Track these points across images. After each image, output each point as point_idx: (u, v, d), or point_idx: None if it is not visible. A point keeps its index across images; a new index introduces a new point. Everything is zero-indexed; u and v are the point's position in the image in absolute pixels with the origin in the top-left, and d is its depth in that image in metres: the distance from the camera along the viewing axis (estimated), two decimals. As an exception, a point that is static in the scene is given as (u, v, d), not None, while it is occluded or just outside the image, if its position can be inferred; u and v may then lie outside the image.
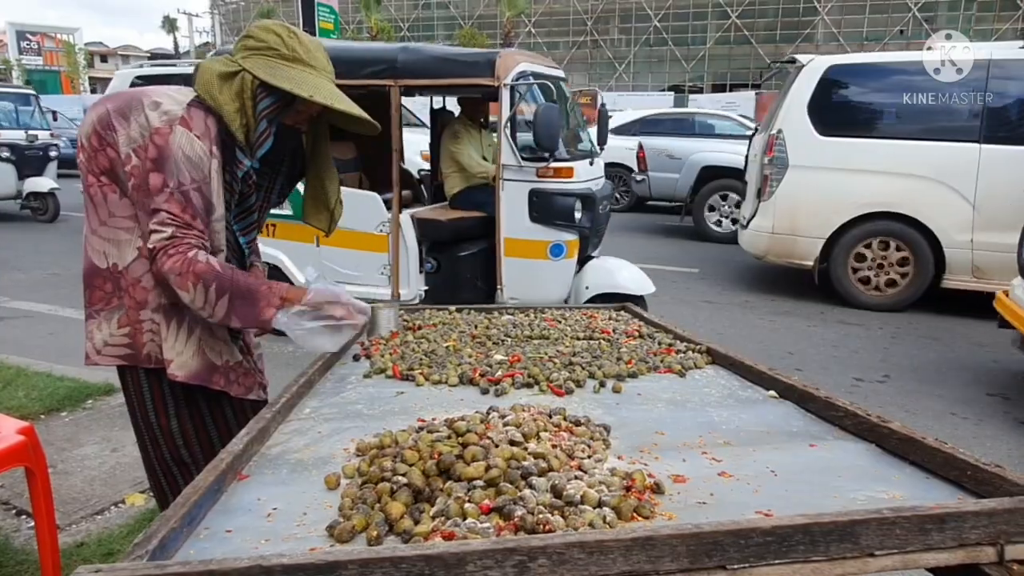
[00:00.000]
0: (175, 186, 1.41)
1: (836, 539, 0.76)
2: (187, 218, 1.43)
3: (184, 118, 1.44)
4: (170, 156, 1.41)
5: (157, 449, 1.58)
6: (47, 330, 4.99)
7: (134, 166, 1.42)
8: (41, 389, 3.65)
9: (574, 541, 0.71)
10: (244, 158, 1.56)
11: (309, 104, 1.56)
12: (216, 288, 1.42)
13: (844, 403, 1.23)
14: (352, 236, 4.35)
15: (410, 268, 4.32)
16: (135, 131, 1.43)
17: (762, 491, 0.96)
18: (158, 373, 1.53)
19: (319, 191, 1.82)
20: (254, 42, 1.53)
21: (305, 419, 1.28)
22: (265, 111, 1.53)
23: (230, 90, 1.49)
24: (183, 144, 1.42)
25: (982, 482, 0.92)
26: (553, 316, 2.13)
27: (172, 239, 1.40)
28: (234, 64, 1.51)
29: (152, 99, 1.46)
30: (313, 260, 4.35)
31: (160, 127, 1.42)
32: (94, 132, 1.46)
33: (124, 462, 2.93)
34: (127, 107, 1.45)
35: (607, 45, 34.10)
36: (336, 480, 0.99)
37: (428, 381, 1.50)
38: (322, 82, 1.54)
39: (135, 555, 0.72)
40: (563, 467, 1.00)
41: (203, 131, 1.46)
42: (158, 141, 1.41)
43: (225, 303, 1.44)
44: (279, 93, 1.52)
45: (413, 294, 4.35)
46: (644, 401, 1.39)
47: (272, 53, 1.52)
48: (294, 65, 1.53)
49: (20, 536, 2.43)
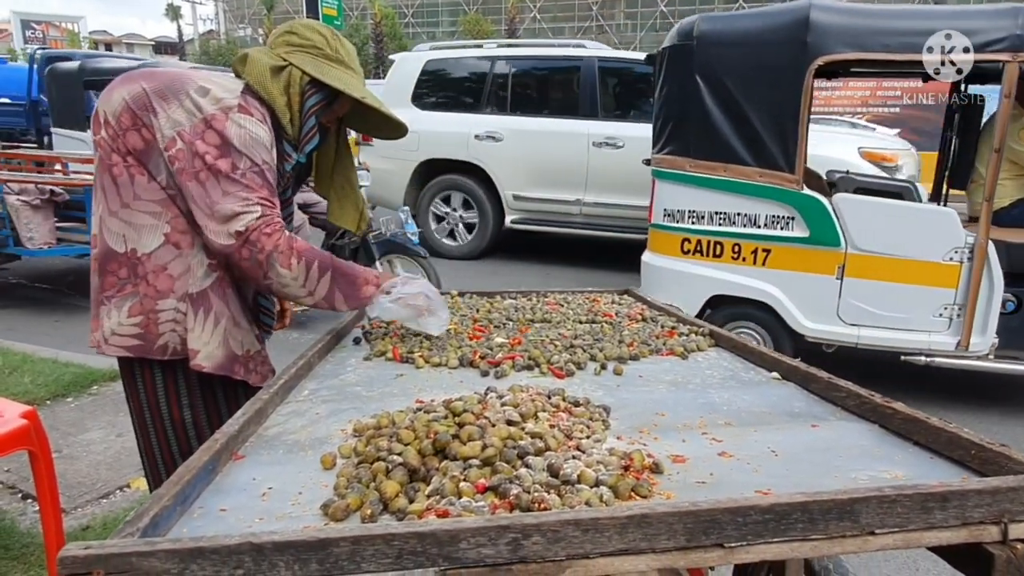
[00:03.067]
0: (248, 167, 1.40)
1: (835, 517, 0.74)
2: (269, 196, 1.43)
3: (242, 105, 1.43)
4: (236, 140, 1.39)
5: (163, 439, 1.56)
6: (53, 316, 5.02)
7: (179, 150, 1.38)
8: (47, 375, 3.68)
9: (569, 519, 0.70)
10: (292, 152, 1.58)
11: (344, 105, 1.61)
12: (319, 266, 1.45)
13: (847, 384, 1.22)
14: (901, 266, 3.38)
15: (991, 308, 3.32)
16: (180, 115, 1.40)
17: (762, 471, 0.94)
18: (172, 364, 1.51)
19: (347, 190, 1.85)
20: (298, 39, 1.54)
21: (303, 401, 1.28)
22: (312, 108, 1.55)
23: (278, 84, 1.50)
24: (250, 128, 1.42)
25: (986, 462, 0.90)
26: (556, 300, 2.12)
27: (264, 218, 1.39)
28: (279, 59, 1.51)
29: (198, 84, 1.43)
30: (829, 296, 3.51)
31: (215, 114, 1.40)
32: (126, 110, 1.41)
33: (129, 447, 2.95)
34: (168, 89, 1.42)
35: (613, 31, 33.80)
36: (332, 460, 0.99)
37: (428, 363, 1.49)
38: (361, 85, 1.60)
39: (126, 532, 0.72)
40: (561, 447, 0.99)
41: (262, 118, 1.46)
42: (217, 127, 1.39)
43: (328, 281, 1.46)
44: (326, 91, 1.55)
45: (987, 344, 3.38)
46: (645, 383, 1.37)
47: (317, 52, 1.55)
48: (337, 66, 1.56)
49: (26, 519, 2.45)
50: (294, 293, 1.45)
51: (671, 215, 3.88)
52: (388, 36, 28.40)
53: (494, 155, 6.80)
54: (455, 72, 7.24)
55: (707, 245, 3.77)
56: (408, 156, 6.96)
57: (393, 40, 29.00)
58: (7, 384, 3.52)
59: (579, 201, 6.60)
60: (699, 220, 3.76)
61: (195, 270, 1.46)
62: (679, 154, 3.80)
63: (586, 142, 6.41)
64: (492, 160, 6.82)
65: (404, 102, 6.99)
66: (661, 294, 3.56)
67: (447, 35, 32.93)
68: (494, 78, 6.95)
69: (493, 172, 6.83)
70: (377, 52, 27.27)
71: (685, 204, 3.80)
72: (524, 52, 7.24)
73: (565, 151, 6.54)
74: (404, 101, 7.01)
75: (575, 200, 6.61)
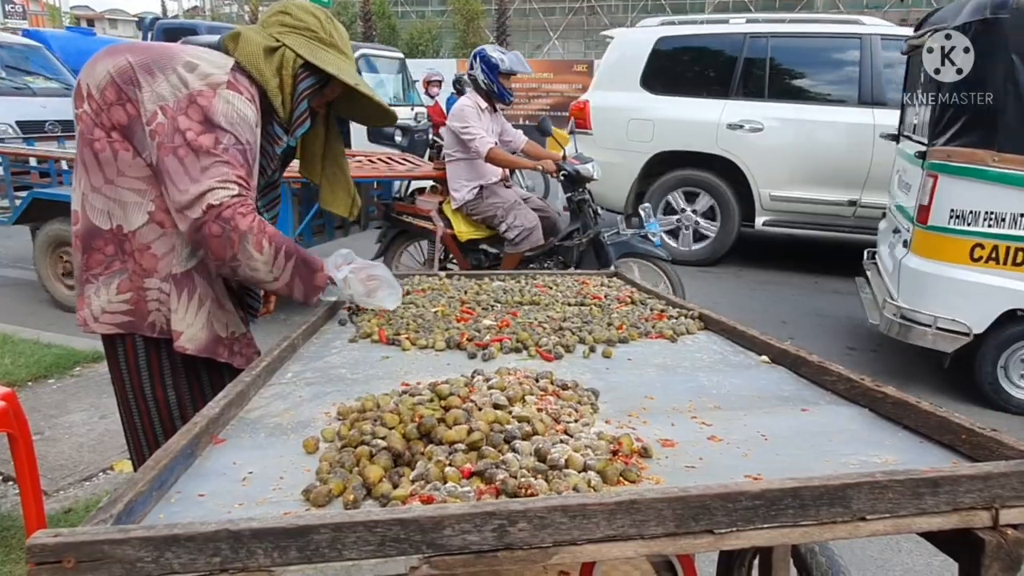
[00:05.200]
0: (231, 143, 1.37)
1: (826, 503, 0.73)
2: (245, 177, 1.40)
3: (231, 82, 1.40)
4: (223, 116, 1.36)
5: (146, 419, 1.54)
6: (36, 297, 4.94)
7: (159, 124, 1.34)
8: (28, 356, 3.62)
9: (556, 505, 0.69)
10: (283, 135, 1.55)
11: (335, 90, 1.58)
12: (285, 252, 1.43)
13: (837, 368, 1.21)
14: None
15: None
16: (164, 89, 1.36)
17: (752, 455, 0.93)
18: (157, 342, 1.48)
19: (339, 177, 1.84)
20: (292, 20, 1.51)
21: (287, 383, 1.25)
22: (304, 92, 1.52)
23: (271, 65, 1.47)
24: (237, 105, 1.38)
25: (977, 446, 0.90)
26: (544, 283, 2.10)
27: (239, 197, 1.36)
28: (272, 39, 1.48)
29: (185, 59, 1.39)
30: None
31: (202, 89, 1.36)
32: (111, 84, 1.37)
33: (112, 429, 2.92)
34: (152, 63, 1.38)
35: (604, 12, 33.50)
36: (315, 444, 0.97)
37: (414, 346, 1.47)
38: (353, 70, 1.56)
39: (99, 519, 0.69)
40: (548, 431, 0.97)
41: (250, 98, 1.43)
42: (202, 103, 1.35)
43: (291, 268, 1.45)
44: (319, 75, 1.51)
45: None
46: (634, 366, 1.36)
47: (311, 35, 1.52)
48: (330, 50, 1.54)
49: (7, 502, 2.42)
50: (261, 277, 1.42)
51: (960, 217, 3.29)
52: (376, 16, 28.02)
53: (751, 147, 5.85)
54: (697, 51, 6.30)
55: (1008, 252, 3.23)
56: (638, 148, 6.09)
57: (381, 19, 28.62)
58: (-13, 365, 3.47)
59: (855, 202, 5.67)
60: (999, 223, 3.22)
61: (179, 250, 1.43)
62: (977, 146, 3.22)
63: (871, 134, 5.40)
64: (748, 153, 5.87)
65: (631, 85, 6.20)
66: (936, 306, 3.28)
67: (437, 14, 32.52)
68: (749, 58, 5.97)
69: (747, 167, 5.89)
70: (366, 31, 26.92)
71: (982, 204, 3.23)
72: (785, 29, 6.10)
73: (844, 144, 5.60)
74: (631, 84, 6.21)
75: (849, 201, 5.68)
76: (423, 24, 30.62)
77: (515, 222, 4.09)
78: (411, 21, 31.77)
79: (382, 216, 4.65)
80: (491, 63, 4.09)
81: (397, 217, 4.49)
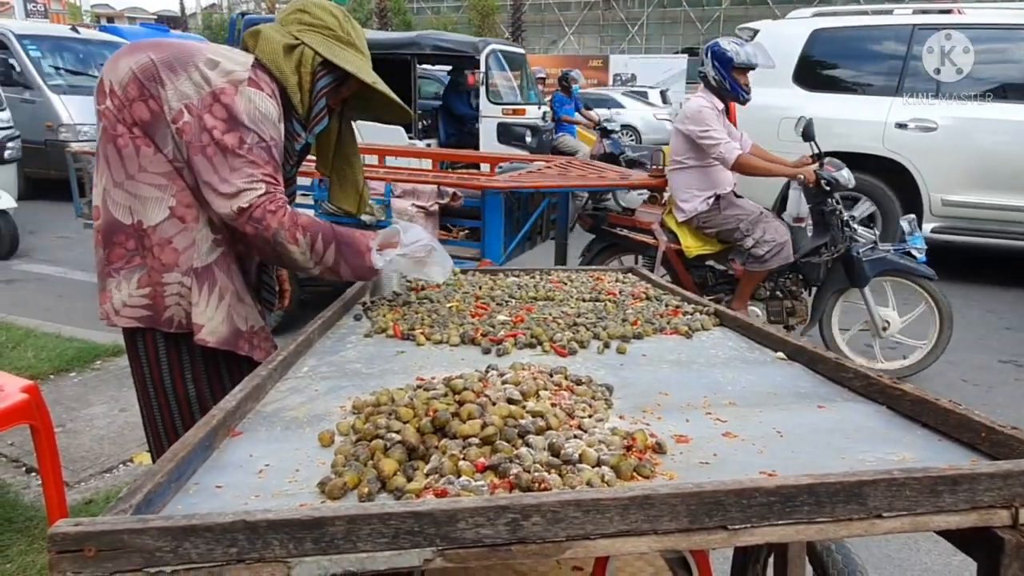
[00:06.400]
0: (255, 142, 1.39)
1: (843, 500, 0.73)
2: (273, 173, 1.43)
3: (252, 79, 1.42)
4: (245, 114, 1.38)
5: (165, 412, 1.56)
6: (56, 292, 5.02)
7: (186, 122, 1.37)
8: (50, 350, 3.68)
9: (569, 499, 0.69)
10: (302, 132, 1.58)
11: (351, 87, 1.60)
12: (323, 238, 1.46)
13: (855, 365, 1.20)
14: None
15: None
16: (187, 87, 1.38)
17: (767, 451, 0.93)
18: (176, 337, 1.50)
19: (348, 173, 1.86)
20: (311, 19, 1.52)
21: (302, 377, 1.26)
22: (323, 90, 1.54)
23: (290, 62, 1.49)
24: (258, 103, 1.40)
25: (997, 444, 0.88)
26: (559, 278, 2.10)
27: (268, 195, 1.40)
28: (291, 37, 1.50)
29: (207, 56, 1.41)
30: None
31: (224, 87, 1.38)
32: (133, 80, 1.39)
33: (132, 421, 2.96)
34: (175, 60, 1.40)
35: (619, 6, 33.31)
36: (330, 437, 0.97)
37: (429, 341, 1.47)
38: (370, 68, 1.58)
39: (119, 509, 0.70)
40: (562, 426, 0.98)
41: (271, 93, 1.45)
42: (225, 100, 1.37)
43: (333, 252, 1.48)
44: (337, 73, 1.53)
45: None
46: (649, 362, 1.36)
47: (329, 33, 1.54)
48: (348, 48, 1.56)
49: (30, 492, 2.46)
50: (303, 265, 1.48)
51: None
52: (392, 12, 28.06)
53: (922, 149, 5.37)
54: (858, 45, 5.80)
55: None
56: (790, 148, 5.58)
57: (397, 15, 28.65)
58: (10, 359, 3.53)
59: None
60: None
61: (200, 244, 1.45)
62: None
63: None
64: (919, 155, 5.39)
65: (782, 80, 5.74)
66: None
67: (452, 10, 32.50)
68: (917, 52, 5.50)
69: (918, 169, 5.42)
70: (381, 27, 26.97)
71: None
72: (962, 20, 5.54)
73: None
74: (782, 79, 5.74)
75: None
76: (438, 20, 30.63)
77: (764, 236, 3.53)
78: (426, 17, 31.81)
79: (588, 228, 4.12)
80: (724, 57, 3.60)
81: (609, 229, 4.00)
